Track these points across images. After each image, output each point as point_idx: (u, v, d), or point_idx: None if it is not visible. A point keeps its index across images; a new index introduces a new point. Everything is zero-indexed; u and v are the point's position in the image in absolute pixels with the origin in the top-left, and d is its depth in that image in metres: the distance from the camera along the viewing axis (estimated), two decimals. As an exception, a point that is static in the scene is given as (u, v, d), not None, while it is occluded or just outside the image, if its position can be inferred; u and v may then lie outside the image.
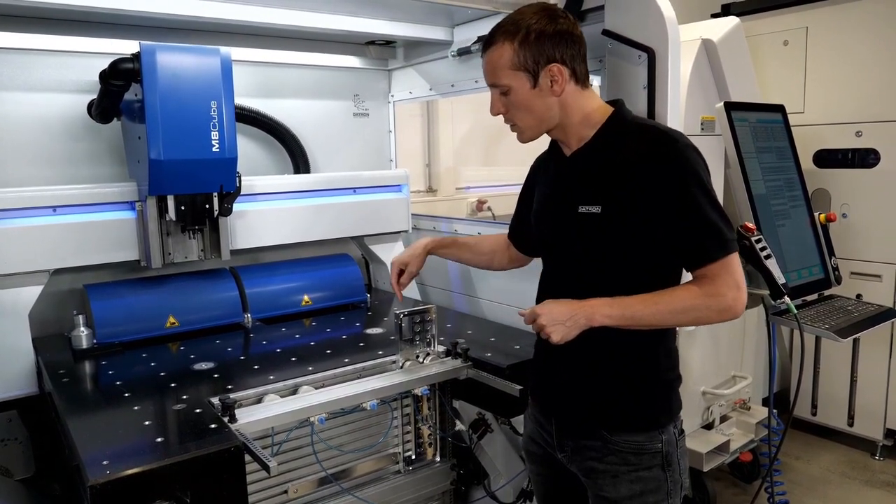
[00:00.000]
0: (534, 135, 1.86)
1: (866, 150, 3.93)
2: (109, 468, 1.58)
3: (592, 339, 1.74)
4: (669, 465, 1.81)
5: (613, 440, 1.80)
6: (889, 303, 3.81)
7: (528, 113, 1.81)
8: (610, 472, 1.81)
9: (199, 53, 2.47)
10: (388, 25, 3.15)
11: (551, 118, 1.81)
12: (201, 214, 2.66)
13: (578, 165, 1.83)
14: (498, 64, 1.78)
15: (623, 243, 1.73)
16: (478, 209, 4.76)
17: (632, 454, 1.79)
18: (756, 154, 3.25)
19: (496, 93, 1.84)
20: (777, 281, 2.81)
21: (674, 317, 1.70)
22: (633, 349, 1.79)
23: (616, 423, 1.80)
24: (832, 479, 3.84)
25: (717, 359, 3.47)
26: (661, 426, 1.80)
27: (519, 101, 1.80)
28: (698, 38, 3.20)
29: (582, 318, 1.70)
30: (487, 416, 2.55)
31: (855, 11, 3.90)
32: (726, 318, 1.71)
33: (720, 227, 1.68)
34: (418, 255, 2.32)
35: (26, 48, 2.81)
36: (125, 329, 2.67)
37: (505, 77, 1.78)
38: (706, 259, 1.67)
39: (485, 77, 1.86)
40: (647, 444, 1.79)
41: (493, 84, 1.83)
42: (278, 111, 3.44)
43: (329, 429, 2.34)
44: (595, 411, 1.83)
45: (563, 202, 1.84)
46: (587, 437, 1.84)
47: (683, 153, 1.68)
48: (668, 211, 1.67)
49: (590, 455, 1.84)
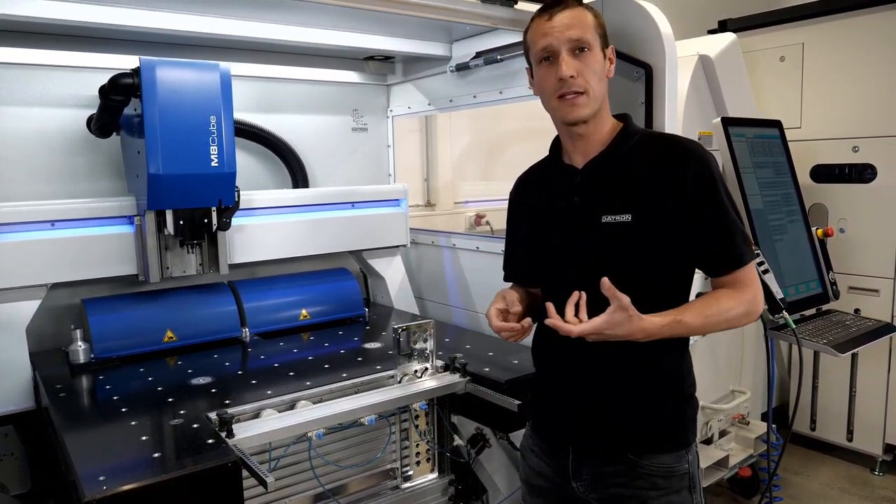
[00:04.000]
0: (594, 108, 1.74)
1: (863, 166, 3.95)
2: (106, 484, 1.57)
3: (613, 355, 1.68)
4: (694, 487, 1.76)
5: (641, 463, 1.72)
6: (887, 317, 3.81)
7: (599, 80, 1.74)
8: (638, 498, 1.73)
9: (198, 69, 2.48)
10: (386, 41, 3.17)
11: (602, 98, 1.76)
12: (200, 229, 2.66)
13: (597, 175, 1.77)
14: (585, 20, 1.73)
15: (652, 251, 1.70)
16: (476, 223, 4.76)
17: (661, 478, 1.72)
18: (753, 169, 3.27)
19: (569, 52, 1.71)
20: (775, 296, 2.82)
21: (717, 325, 1.69)
22: (659, 364, 1.74)
23: (644, 445, 1.73)
24: (831, 494, 3.83)
25: (716, 373, 3.47)
26: (688, 444, 1.76)
27: (594, 63, 1.72)
28: (695, 54, 3.22)
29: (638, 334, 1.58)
30: (486, 431, 2.54)
31: (851, 27, 3.93)
32: (750, 322, 1.74)
33: (746, 233, 1.71)
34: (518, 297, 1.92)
35: (26, 63, 2.82)
36: (123, 343, 2.66)
37: (590, 33, 1.72)
38: (739, 263, 1.68)
39: (559, 34, 1.71)
40: (677, 466, 1.73)
41: (577, 38, 1.71)
42: (277, 126, 3.45)
43: (327, 444, 2.33)
44: (620, 433, 1.75)
45: (580, 213, 1.77)
46: (611, 462, 1.75)
47: (709, 160, 1.70)
48: (701, 216, 1.67)
49: (614, 482, 1.75)
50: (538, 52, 1.75)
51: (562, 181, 1.84)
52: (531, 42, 1.79)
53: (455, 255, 3.56)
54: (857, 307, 3.91)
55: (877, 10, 3.81)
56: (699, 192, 1.66)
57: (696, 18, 4.70)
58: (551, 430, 1.89)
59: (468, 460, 2.59)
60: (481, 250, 3.40)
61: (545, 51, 1.73)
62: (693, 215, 1.66)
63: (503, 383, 2.26)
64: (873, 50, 3.84)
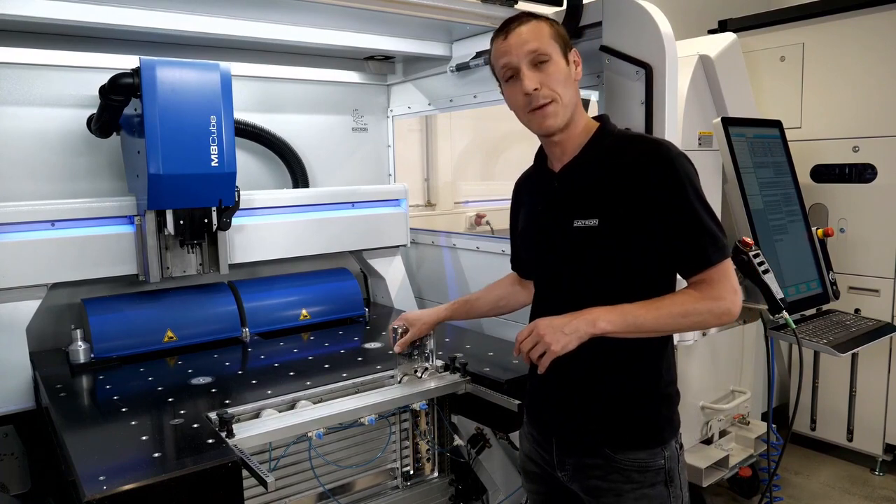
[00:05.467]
0: (567, 116, 1.77)
1: (864, 166, 3.95)
2: (106, 483, 1.57)
3: (592, 353, 1.71)
4: (672, 480, 1.80)
5: (617, 458, 1.78)
6: (887, 317, 3.81)
7: (565, 88, 1.76)
8: (614, 491, 1.79)
9: (198, 68, 2.48)
10: (387, 41, 3.17)
11: (574, 104, 1.78)
12: (200, 229, 2.67)
13: (570, 179, 1.82)
14: (540, 32, 1.75)
15: (621, 255, 1.73)
16: (476, 223, 4.76)
17: (635, 472, 1.78)
18: (753, 169, 3.27)
19: (529, 66, 1.74)
20: (775, 296, 2.82)
21: (675, 321, 1.68)
22: (635, 363, 1.78)
23: (619, 441, 1.79)
24: (832, 494, 3.83)
25: (716, 373, 3.46)
26: (663, 442, 1.79)
27: (557, 72, 1.74)
28: (695, 54, 3.22)
29: (582, 325, 1.65)
30: (486, 430, 2.55)
31: (851, 27, 3.93)
32: (724, 322, 1.72)
33: (717, 232, 1.70)
34: (427, 321, 2.28)
35: (26, 63, 2.83)
36: (123, 343, 2.66)
37: (548, 45, 1.74)
38: (706, 263, 1.68)
39: (516, 50, 1.74)
40: (651, 462, 1.78)
41: (534, 51, 1.73)
42: (277, 126, 3.45)
43: (327, 444, 2.33)
44: (597, 429, 1.81)
45: (556, 217, 1.82)
46: (589, 455, 1.82)
47: (677, 160, 1.69)
48: (667, 217, 1.68)
49: (593, 474, 1.81)
50: (501, 71, 1.81)
51: (543, 186, 1.91)
52: (494, 63, 1.84)
53: (455, 255, 3.56)
54: (857, 307, 3.90)
55: (877, 10, 3.81)
56: (664, 193, 1.68)
57: (696, 18, 4.70)
58: (540, 422, 1.97)
59: (468, 460, 2.59)
60: (481, 250, 3.40)
61: (506, 69, 1.78)
62: (658, 217, 1.68)
63: (503, 383, 2.26)
64: (873, 50, 3.84)
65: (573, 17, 2.56)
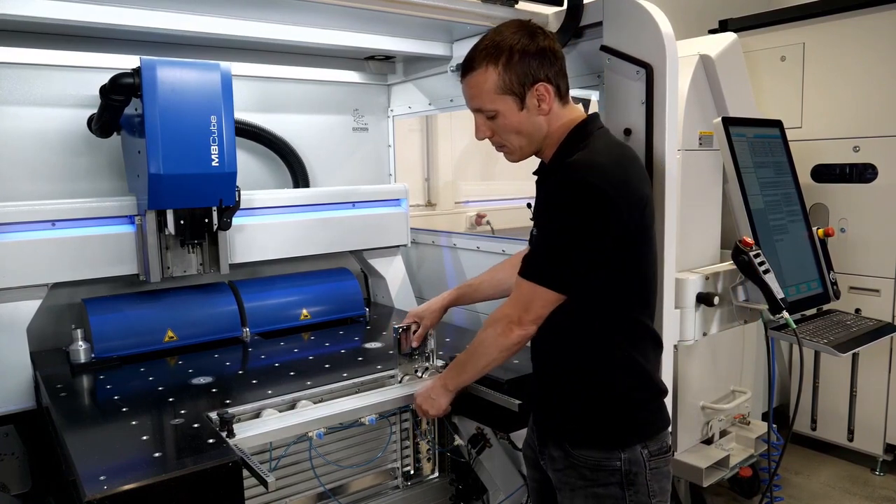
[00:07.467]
0: (525, 154, 1.86)
1: (864, 165, 3.95)
2: (107, 483, 1.57)
3: (551, 356, 1.84)
4: (632, 484, 1.79)
5: (573, 454, 1.83)
6: (888, 317, 3.81)
7: (518, 135, 1.79)
8: (569, 485, 1.85)
9: (199, 68, 2.48)
10: (387, 41, 3.16)
11: (541, 136, 1.81)
12: (200, 228, 2.66)
13: (539, 184, 1.89)
14: (483, 89, 1.74)
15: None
16: (477, 223, 4.76)
17: (587, 469, 1.81)
18: (754, 169, 3.26)
19: (481, 117, 1.80)
20: (776, 295, 2.81)
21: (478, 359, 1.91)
22: (582, 369, 1.83)
23: (576, 438, 1.84)
24: (832, 494, 3.83)
25: (717, 373, 3.46)
26: (623, 445, 1.79)
27: (507, 125, 1.78)
28: (696, 53, 3.22)
29: (439, 388, 2.01)
30: (486, 430, 2.54)
31: (852, 27, 3.93)
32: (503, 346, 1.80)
33: (544, 258, 1.72)
34: (435, 309, 2.37)
35: (26, 63, 2.82)
36: (123, 343, 2.66)
37: (490, 102, 1.75)
38: (521, 271, 1.76)
39: (467, 102, 1.81)
40: (604, 462, 1.79)
41: (477, 109, 1.79)
42: (278, 125, 3.45)
43: (327, 444, 2.33)
44: (558, 424, 1.89)
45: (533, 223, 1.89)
46: (555, 447, 1.89)
47: (564, 182, 1.68)
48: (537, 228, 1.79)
49: (556, 466, 1.90)
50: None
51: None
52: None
53: (455, 254, 3.56)
54: (857, 307, 3.91)
55: (877, 10, 3.81)
56: (545, 203, 1.76)
57: (697, 18, 4.70)
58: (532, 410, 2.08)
59: (469, 460, 2.59)
60: (482, 250, 3.40)
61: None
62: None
63: (504, 383, 2.25)
64: (874, 50, 3.84)
65: (573, 17, 2.55)
